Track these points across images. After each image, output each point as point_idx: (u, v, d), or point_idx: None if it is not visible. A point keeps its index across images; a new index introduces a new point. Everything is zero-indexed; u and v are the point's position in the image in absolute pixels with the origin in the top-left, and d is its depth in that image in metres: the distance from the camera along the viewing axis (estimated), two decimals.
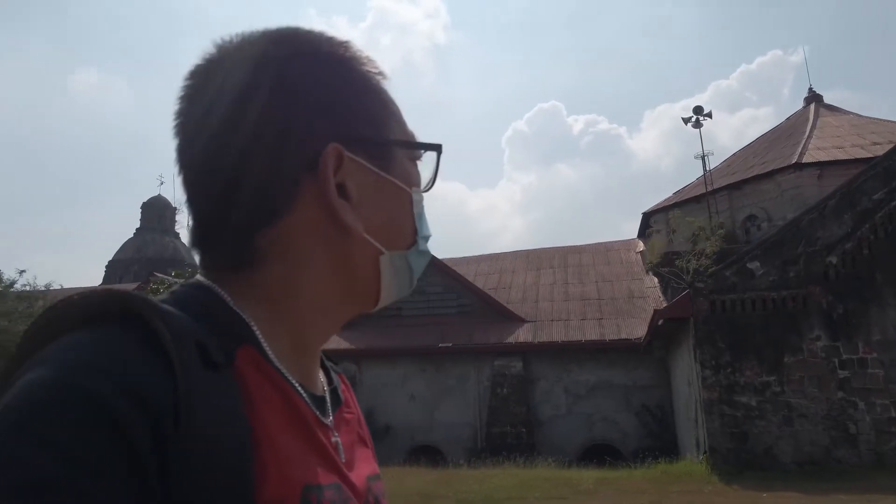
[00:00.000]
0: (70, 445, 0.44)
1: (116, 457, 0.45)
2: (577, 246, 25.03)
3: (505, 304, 20.58)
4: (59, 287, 20.61)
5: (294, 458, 0.57)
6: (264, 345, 0.61)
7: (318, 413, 0.64)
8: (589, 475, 11.90)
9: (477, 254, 25.98)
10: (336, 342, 19.76)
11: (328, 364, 0.78)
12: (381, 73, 0.72)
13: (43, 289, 18.61)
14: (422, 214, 0.72)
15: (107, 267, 40.50)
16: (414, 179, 0.71)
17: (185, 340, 0.52)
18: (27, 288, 18.01)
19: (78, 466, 0.43)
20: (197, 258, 0.67)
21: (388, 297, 0.70)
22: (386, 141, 0.69)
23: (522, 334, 19.17)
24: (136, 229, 40.55)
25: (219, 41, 0.68)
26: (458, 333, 19.53)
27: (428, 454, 17.53)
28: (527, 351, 18.73)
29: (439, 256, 22.91)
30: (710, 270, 13.43)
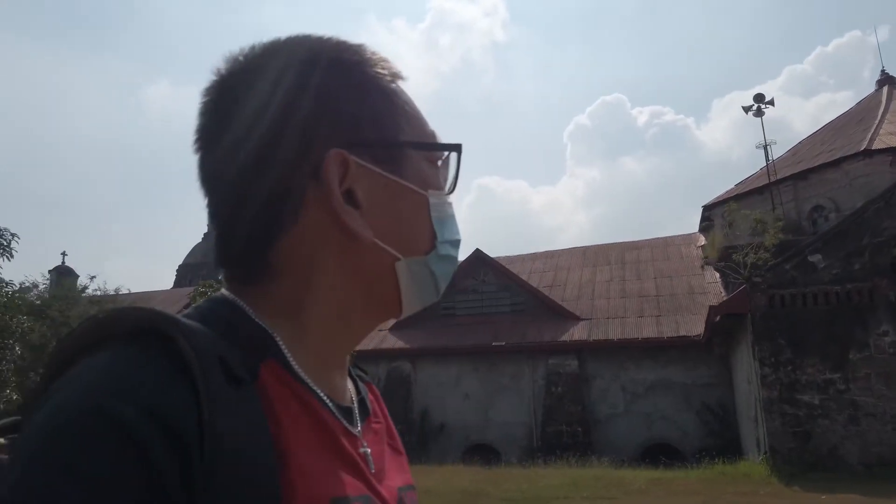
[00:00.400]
0: (93, 471, 0.44)
1: (140, 480, 0.45)
2: (634, 241, 24.48)
3: (559, 302, 20.34)
4: (128, 291, 21.71)
5: (320, 471, 0.56)
6: (289, 357, 0.61)
7: (345, 423, 0.64)
8: (642, 475, 11.65)
9: (541, 250, 25.66)
10: (391, 341, 20.00)
11: (356, 373, 0.77)
12: (394, 75, 0.70)
13: (113, 293, 19.61)
14: (443, 218, 0.69)
15: (177, 271, 42.16)
16: (432, 182, 0.69)
17: (208, 357, 0.51)
18: (98, 292, 19.01)
19: (101, 492, 0.43)
20: (220, 272, 0.67)
21: (410, 304, 0.68)
22: (395, 143, 0.66)
23: (577, 332, 18.90)
24: (204, 234, 42.04)
25: (228, 56, 0.68)
26: (511, 332, 19.42)
27: (483, 453, 17.50)
28: (582, 349, 18.45)
29: (495, 254, 22.86)
30: (769, 264, 12.91)
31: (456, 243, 0.70)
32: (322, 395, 0.62)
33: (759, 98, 20.19)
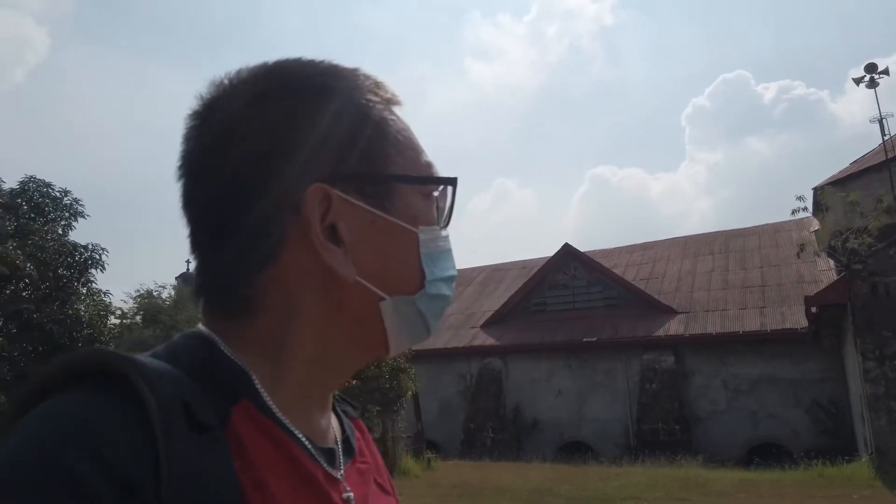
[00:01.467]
0: None
1: None
2: (740, 229, 23.14)
3: (655, 296, 19.59)
4: None
5: None
6: (265, 397, 0.58)
7: (326, 466, 0.61)
8: (731, 476, 11.05)
9: (660, 238, 24.61)
10: (482, 338, 20.07)
11: (342, 409, 0.74)
12: (388, 101, 0.66)
13: None
14: (435, 254, 0.65)
15: None
16: (423, 217, 0.65)
17: (169, 401, 0.49)
18: None
19: None
20: (200, 305, 0.65)
21: (398, 344, 0.65)
22: (383, 176, 0.63)
23: (673, 326, 18.14)
24: None
25: (214, 80, 0.65)
26: (604, 327, 18.95)
27: (578, 451, 17.23)
28: (678, 344, 17.69)
29: (610, 246, 22.31)
30: (871, 249, 11.83)
31: (449, 280, 0.66)
32: (301, 437, 0.60)
33: (870, 68, 18.45)
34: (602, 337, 18.54)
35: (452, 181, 0.67)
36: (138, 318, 18.85)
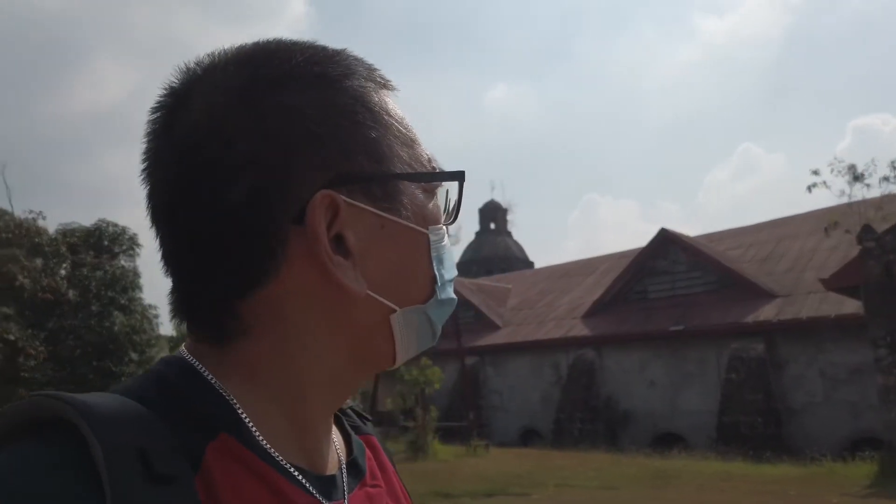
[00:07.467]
0: None
1: None
2: (886, 196, 20.34)
3: (762, 278, 18.22)
4: None
5: None
6: (252, 428, 0.51)
7: (322, 501, 0.54)
8: (715, 468, 10.67)
9: None
10: (578, 329, 20.26)
11: (352, 426, 0.67)
12: (382, 85, 0.59)
13: None
14: (443, 255, 0.58)
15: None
16: (430, 216, 0.57)
17: (123, 450, 0.42)
18: None
19: None
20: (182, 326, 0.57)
21: (406, 354, 0.58)
22: (390, 176, 0.55)
23: (766, 311, 16.89)
24: (476, 232, 45.81)
25: (184, 66, 0.55)
26: (698, 314, 18.15)
27: (673, 443, 16.86)
28: (771, 330, 16.46)
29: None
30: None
31: (452, 282, 0.60)
32: (290, 468, 0.52)
33: None
34: (690, 325, 17.82)
35: (460, 176, 0.59)
36: None
